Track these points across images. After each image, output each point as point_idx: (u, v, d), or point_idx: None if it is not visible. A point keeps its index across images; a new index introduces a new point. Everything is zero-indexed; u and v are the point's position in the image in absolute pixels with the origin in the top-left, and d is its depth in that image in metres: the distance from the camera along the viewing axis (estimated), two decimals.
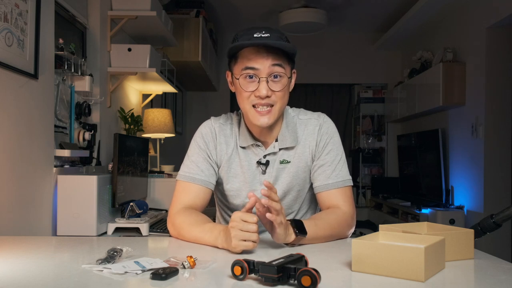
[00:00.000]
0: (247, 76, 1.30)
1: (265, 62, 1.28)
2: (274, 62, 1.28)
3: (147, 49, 2.92)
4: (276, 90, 1.30)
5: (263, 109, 1.31)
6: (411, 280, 0.88)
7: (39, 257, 1.11)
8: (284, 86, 1.31)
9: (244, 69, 1.30)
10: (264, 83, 1.28)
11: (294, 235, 1.18)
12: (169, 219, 1.37)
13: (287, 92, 1.35)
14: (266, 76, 1.28)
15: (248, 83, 1.30)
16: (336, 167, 1.40)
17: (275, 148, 1.40)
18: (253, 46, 1.28)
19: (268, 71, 1.28)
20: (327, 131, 1.42)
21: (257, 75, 1.29)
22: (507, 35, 3.83)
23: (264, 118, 1.31)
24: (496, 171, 3.86)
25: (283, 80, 1.31)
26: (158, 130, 3.32)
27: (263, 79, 1.28)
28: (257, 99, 1.30)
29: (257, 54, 1.28)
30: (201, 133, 1.45)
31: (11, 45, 1.73)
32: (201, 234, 1.25)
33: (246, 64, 1.29)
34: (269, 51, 1.28)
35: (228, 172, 1.43)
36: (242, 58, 1.31)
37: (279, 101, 1.32)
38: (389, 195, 5.60)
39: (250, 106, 1.32)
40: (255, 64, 1.28)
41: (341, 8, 5.05)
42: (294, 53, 1.33)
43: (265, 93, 1.28)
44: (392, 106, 5.82)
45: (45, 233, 2.02)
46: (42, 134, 1.99)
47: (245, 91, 1.31)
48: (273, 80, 1.30)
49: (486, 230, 1.22)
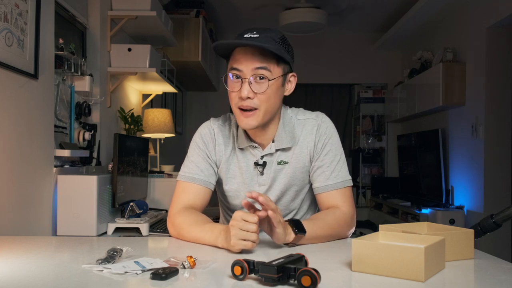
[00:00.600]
0: (233, 76, 1.30)
1: (249, 63, 1.27)
2: (259, 65, 1.27)
3: (147, 49, 2.92)
4: (259, 92, 1.28)
5: (247, 111, 1.30)
6: (411, 280, 0.88)
7: (39, 257, 1.11)
8: (267, 88, 1.28)
9: (231, 70, 1.30)
10: (246, 84, 1.28)
11: (293, 234, 1.18)
12: (169, 219, 1.37)
13: (275, 96, 1.31)
14: (248, 77, 1.27)
15: (234, 83, 1.31)
16: (335, 167, 1.39)
17: (272, 149, 1.39)
18: (241, 47, 1.28)
19: (251, 73, 1.27)
20: (326, 131, 1.41)
21: (241, 76, 1.29)
22: (507, 35, 3.83)
23: (248, 120, 1.30)
24: (496, 171, 3.86)
25: (266, 83, 1.28)
26: (158, 130, 3.32)
27: (245, 80, 1.28)
28: (240, 101, 1.29)
29: (243, 55, 1.28)
30: (200, 134, 1.45)
31: (11, 45, 1.73)
32: (201, 234, 1.25)
33: (232, 65, 1.30)
34: (254, 53, 1.27)
35: (226, 173, 1.43)
36: (231, 59, 1.32)
37: (263, 104, 1.29)
38: (389, 195, 5.60)
39: (236, 107, 1.32)
40: (240, 65, 1.28)
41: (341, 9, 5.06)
42: (281, 55, 1.28)
43: (246, 94, 1.27)
44: (392, 106, 5.82)
45: (45, 233, 2.02)
46: (42, 134, 1.99)
47: (231, 91, 1.31)
48: (258, 81, 1.28)
49: (486, 230, 1.22)
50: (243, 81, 1.28)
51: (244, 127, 1.33)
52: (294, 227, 1.18)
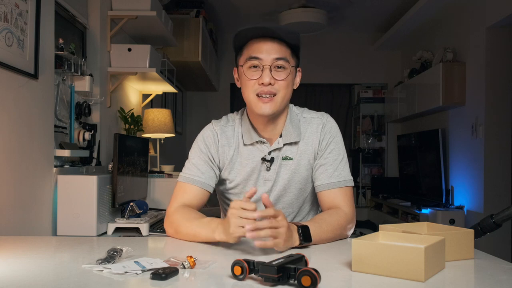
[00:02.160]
0: (251, 66, 1.33)
1: (270, 53, 1.32)
2: (278, 56, 1.32)
3: (147, 49, 2.92)
4: (279, 79, 1.33)
5: (266, 97, 1.33)
6: (411, 280, 0.88)
7: (39, 257, 1.11)
8: (287, 75, 1.34)
9: (249, 59, 1.34)
10: (267, 71, 1.32)
11: (298, 241, 1.18)
12: (166, 217, 1.38)
13: (291, 85, 1.37)
14: (269, 64, 1.32)
15: (252, 72, 1.34)
16: (338, 166, 1.40)
17: (280, 144, 1.41)
18: (259, 38, 1.32)
19: (271, 62, 1.32)
20: (330, 130, 1.43)
21: (261, 64, 1.32)
22: (507, 35, 3.83)
23: (266, 106, 1.33)
24: (496, 171, 3.86)
25: (286, 71, 1.34)
26: (158, 130, 3.32)
27: (266, 67, 1.32)
28: (260, 87, 1.32)
29: (262, 45, 1.32)
30: (202, 137, 1.46)
31: (11, 45, 1.73)
32: (198, 228, 1.25)
33: (250, 54, 1.33)
34: (273, 43, 1.32)
35: (231, 171, 1.44)
36: (247, 49, 1.35)
37: (282, 90, 1.34)
38: (389, 195, 5.60)
39: (254, 95, 1.34)
40: (260, 54, 1.32)
41: (341, 9, 5.05)
42: (298, 46, 1.36)
43: (268, 80, 1.31)
44: (392, 106, 5.82)
45: (45, 233, 2.02)
46: (42, 134, 1.99)
47: (249, 79, 1.34)
48: (277, 70, 1.33)
49: (486, 230, 1.22)
50: (264, 68, 1.32)
51: (263, 113, 1.34)
52: (301, 235, 1.18)
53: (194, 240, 1.27)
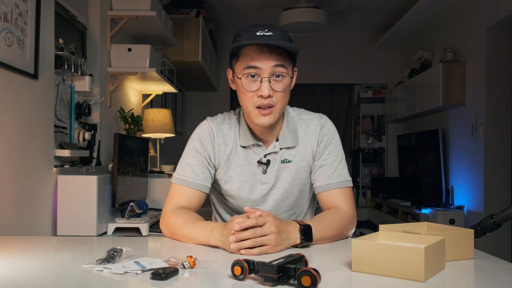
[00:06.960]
0: (249, 75, 1.28)
1: (268, 61, 1.26)
2: (277, 63, 1.27)
3: (147, 49, 2.92)
4: (278, 90, 1.29)
5: (265, 109, 1.29)
6: (411, 280, 0.88)
7: (39, 257, 1.11)
8: (286, 86, 1.30)
9: (247, 68, 1.28)
10: (266, 83, 1.27)
11: (299, 240, 1.18)
12: (162, 219, 1.37)
13: (288, 92, 1.34)
14: (268, 76, 1.27)
15: (251, 82, 1.29)
16: (337, 167, 1.40)
17: (276, 148, 1.39)
18: (256, 45, 1.27)
19: (270, 71, 1.27)
20: (329, 132, 1.42)
21: (259, 74, 1.27)
22: (507, 35, 3.83)
23: (265, 118, 1.30)
24: (496, 171, 3.86)
25: (285, 80, 1.30)
26: (158, 130, 3.32)
27: (265, 79, 1.27)
28: (259, 100, 1.29)
29: (259, 53, 1.27)
30: (198, 135, 1.43)
31: (11, 45, 1.73)
32: (193, 232, 1.25)
33: (248, 63, 1.28)
34: (272, 51, 1.26)
35: (227, 172, 1.41)
36: (244, 57, 1.29)
37: (280, 101, 1.31)
38: (389, 195, 5.60)
39: (253, 107, 1.30)
40: (258, 63, 1.27)
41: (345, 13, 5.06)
42: (296, 52, 1.31)
43: (267, 93, 1.27)
44: (392, 106, 5.82)
45: (45, 233, 2.02)
46: (42, 134, 1.99)
47: (248, 91, 1.29)
48: (275, 79, 1.28)
49: (486, 230, 1.22)
50: (262, 80, 1.27)
51: (262, 125, 1.32)
52: (302, 234, 1.18)
53: (189, 242, 1.27)
